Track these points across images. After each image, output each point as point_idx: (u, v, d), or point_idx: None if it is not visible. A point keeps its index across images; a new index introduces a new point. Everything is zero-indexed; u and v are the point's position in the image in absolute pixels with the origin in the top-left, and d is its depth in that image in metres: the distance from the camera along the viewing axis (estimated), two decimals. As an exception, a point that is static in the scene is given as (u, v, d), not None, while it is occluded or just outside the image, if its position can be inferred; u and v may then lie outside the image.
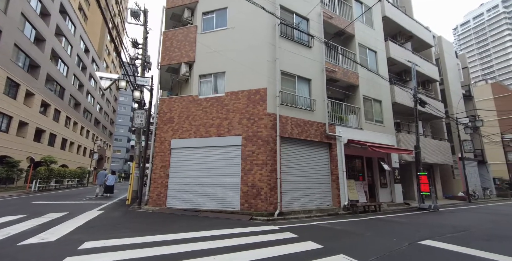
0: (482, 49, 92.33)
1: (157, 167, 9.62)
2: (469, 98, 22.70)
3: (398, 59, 14.77)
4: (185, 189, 9.16)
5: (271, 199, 8.29)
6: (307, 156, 9.94)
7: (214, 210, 8.59)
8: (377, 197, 12.24)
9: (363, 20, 13.61)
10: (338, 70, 11.63)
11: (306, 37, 10.72)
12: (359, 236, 5.48)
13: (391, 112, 13.59)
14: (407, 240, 5.05)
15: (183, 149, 9.54)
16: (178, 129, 9.70)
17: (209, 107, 9.50)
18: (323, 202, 9.99)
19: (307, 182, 9.64)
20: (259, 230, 5.97)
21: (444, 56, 20.58)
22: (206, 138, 9.28)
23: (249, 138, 8.80)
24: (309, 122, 10.06)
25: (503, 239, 5.48)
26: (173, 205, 9.14)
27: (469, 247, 4.61)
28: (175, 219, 7.35)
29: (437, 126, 18.49)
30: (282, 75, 9.68)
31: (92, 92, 35.20)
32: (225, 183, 8.78)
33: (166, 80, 12.15)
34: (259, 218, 7.79)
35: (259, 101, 8.96)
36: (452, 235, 5.62)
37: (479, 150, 21.78)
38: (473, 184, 18.92)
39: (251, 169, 8.55)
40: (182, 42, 10.43)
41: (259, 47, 9.37)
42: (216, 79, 9.86)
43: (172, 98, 10.19)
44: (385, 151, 11.37)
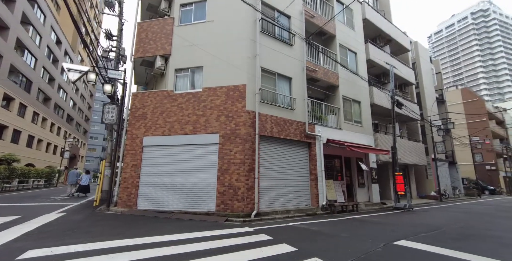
0: (454, 57, 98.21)
1: (128, 166, 9.01)
2: (441, 102, 23.79)
3: (377, 61, 15.06)
4: (157, 190, 8.63)
5: (248, 200, 7.99)
6: (286, 155, 9.76)
7: (188, 211, 8.15)
8: (355, 197, 12.33)
9: (344, 21, 13.73)
10: (319, 69, 11.59)
11: (287, 35, 10.56)
12: (334, 237, 5.32)
13: (370, 113, 13.80)
14: (382, 241, 4.95)
15: (156, 147, 9.01)
16: (151, 126, 9.14)
17: (185, 103, 9.04)
18: (302, 202, 9.85)
19: (286, 182, 9.45)
20: (232, 233, 5.65)
21: (420, 60, 21.39)
22: (181, 136, 8.81)
23: (227, 136, 8.45)
24: (289, 121, 9.89)
25: (473, 238, 5.56)
26: (144, 207, 8.57)
27: (441, 246, 4.58)
28: (144, 221, 6.85)
29: (412, 128, 19.14)
30: (263, 72, 9.43)
31: (65, 87, 33.09)
32: (200, 183, 8.36)
33: (140, 74, 11.49)
34: (235, 219, 7.47)
35: (238, 98, 8.64)
36: (426, 235, 5.63)
37: (450, 151, 22.87)
38: (444, 184, 19.79)
39: (228, 168, 8.20)
40: (158, 34, 9.88)
41: (239, 42, 9.06)
42: (194, 74, 9.42)
43: (145, 93, 9.60)
44: (363, 151, 11.47)
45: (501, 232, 6.21)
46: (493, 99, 79.96)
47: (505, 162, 36.91)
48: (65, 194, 15.06)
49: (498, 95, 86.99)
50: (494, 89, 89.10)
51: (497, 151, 34.97)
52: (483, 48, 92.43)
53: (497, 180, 33.90)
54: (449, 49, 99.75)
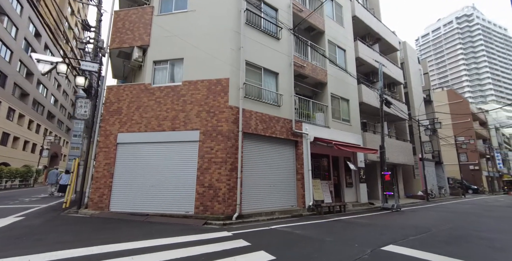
0: (439, 59, 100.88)
1: (101, 165, 8.32)
2: (429, 102, 23.99)
3: (366, 59, 14.86)
4: (132, 190, 7.99)
5: (230, 201, 7.48)
6: (272, 154, 9.30)
7: (165, 214, 7.55)
8: (343, 197, 12.03)
9: (333, 17, 13.42)
10: (307, 65, 11.20)
11: (274, 28, 10.11)
12: (319, 242, 4.89)
13: (358, 111, 13.55)
14: (369, 246, 4.55)
15: (132, 145, 8.36)
16: (126, 122, 8.48)
17: (163, 97, 8.43)
18: (288, 203, 9.43)
19: (271, 181, 8.99)
20: (207, 238, 5.13)
21: (408, 60, 21.45)
22: (158, 132, 8.20)
23: (207, 133, 7.91)
24: (275, 118, 9.44)
25: (464, 240, 5.26)
26: (117, 209, 7.92)
27: (433, 252, 4.22)
28: (113, 225, 6.23)
29: (401, 127, 19.12)
30: (247, 66, 8.94)
31: (45, 82, 31.51)
32: (178, 183, 7.79)
33: (118, 67, 10.77)
34: (215, 222, 6.94)
35: (220, 93, 8.11)
36: (415, 238, 5.29)
37: (437, 151, 23.07)
38: (431, 184, 19.89)
39: (208, 167, 7.66)
40: (135, 23, 9.21)
41: (222, 33, 8.53)
42: (173, 66, 8.82)
43: (120, 86, 8.93)
44: (351, 150, 11.17)
45: (490, 234, 5.96)
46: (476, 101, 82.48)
47: (487, 162, 37.92)
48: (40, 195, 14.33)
49: (481, 97, 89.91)
50: (477, 92, 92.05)
51: (480, 151, 35.84)
52: (467, 52, 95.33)
53: (480, 179, 34.75)
54: (436, 52, 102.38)
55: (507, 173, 44.16)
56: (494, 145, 41.46)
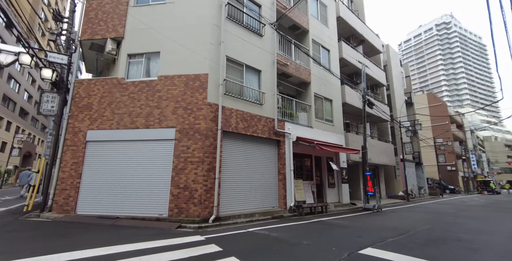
0: (420, 64, 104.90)
1: (67, 165, 7.69)
2: (410, 104, 24.61)
3: (350, 60, 14.92)
4: (102, 192, 7.43)
5: (207, 203, 7.10)
6: (253, 153, 9.01)
7: (136, 216, 7.06)
8: (325, 197, 11.94)
9: (317, 17, 13.35)
10: (290, 64, 11.02)
11: (257, 25, 9.85)
12: (294, 246, 4.63)
13: (341, 112, 13.55)
14: (347, 250, 4.35)
15: (102, 143, 7.80)
16: (97, 118, 7.91)
17: (137, 92, 7.93)
18: (269, 204, 9.16)
19: (252, 182, 8.70)
20: (177, 244, 4.75)
21: (391, 63, 21.89)
22: (131, 130, 7.69)
23: (184, 131, 7.50)
24: (257, 117, 9.16)
25: (442, 242, 5.19)
26: (84, 211, 7.33)
27: (411, 255, 4.07)
28: (76, 230, 5.70)
29: (383, 128, 19.43)
30: (228, 62, 8.61)
31: (17, 77, 29.63)
32: (152, 184, 7.31)
33: (91, 60, 10.10)
34: (189, 225, 6.55)
35: (198, 89, 7.72)
36: (393, 240, 5.16)
37: (417, 152, 23.69)
38: (411, 184, 20.34)
39: (184, 167, 7.25)
40: (109, 14, 8.64)
41: (201, 27, 8.15)
42: (149, 60, 8.34)
43: (91, 80, 8.33)
44: (333, 150, 11.09)
45: (467, 234, 5.96)
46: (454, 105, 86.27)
47: (463, 163, 39.58)
48: (4, 197, 13.26)
49: (458, 101, 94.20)
50: (454, 96, 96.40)
51: (457, 153, 37.32)
52: (445, 58, 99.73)
53: (456, 180, 36.15)
54: (417, 57, 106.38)
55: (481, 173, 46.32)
56: (470, 147, 43.38)
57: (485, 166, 50.88)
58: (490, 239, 5.48)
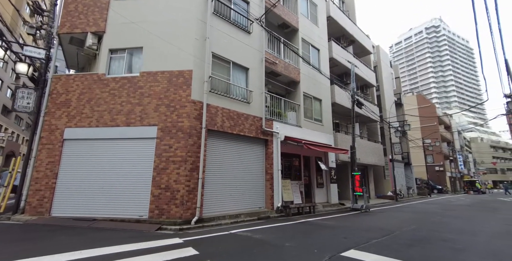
0: (411, 66, 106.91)
1: (42, 164, 7.31)
2: (399, 105, 24.88)
3: (340, 60, 14.90)
4: (79, 192, 7.09)
5: (189, 204, 6.85)
6: (240, 153, 8.80)
7: (115, 218, 6.75)
8: (313, 198, 11.83)
9: (307, 15, 13.27)
10: (279, 63, 10.87)
11: (245, 22, 9.65)
12: (276, 248, 4.45)
13: (331, 111, 13.50)
14: (329, 252, 4.19)
15: (81, 141, 7.45)
16: (75, 115, 7.55)
17: (118, 89, 7.61)
18: (255, 205, 8.98)
19: (238, 182, 8.49)
20: (153, 247, 4.51)
21: (381, 64, 22.06)
22: (111, 128, 7.37)
23: (166, 130, 7.23)
24: (243, 115, 8.96)
25: (426, 242, 5.11)
26: (60, 213, 6.97)
27: (394, 257, 3.95)
28: (48, 233, 5.38)
29: (372, 129, 19.53)
30: (214, 58, 8.38)
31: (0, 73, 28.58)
32: (132, 184, 7.02)
33: (71, 55, 9.70)
34: (170, 227, 6.29)
35: (182, 85, 7.47)
36: (378, 241, 5.04)
37: (406, 153, 23.95)
38: (400, 184, 20.52)
39: (166, 167, 6.98)
40: (90, 7, 8.29)
41: (186, 22, 7.89)
42: (132, 56, 8.03)
43: (70, 76, 7.97)
44: (321, 150, 10.99)
45: (452, 234, 5.91)
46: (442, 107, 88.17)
47: (450, 163, 40.38)
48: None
49: (446, 103, 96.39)
50: (443, 98, 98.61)
51: (444, 153, 38.03)
52: (434, 60, 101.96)
53: (444, 180, 36.83)
54: (408, 59, 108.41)
55: (467, 174, 47.39)
56: (457, 147, 44.31)
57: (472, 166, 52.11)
58: (473, 239, 5.44)
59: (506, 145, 69.26)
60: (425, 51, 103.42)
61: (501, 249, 4.71)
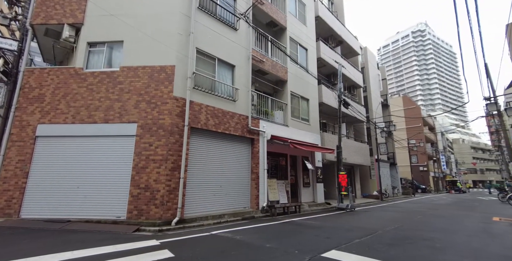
0: (398, 69, 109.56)
1: (12, 162, 6.86)
2: (386, 106, 25.33)
3: (328, 61, 14.95)
4: (52, 193, 6.70)
5: (170, 204, 6.61)
6: (224, 152, 8.61)
7: (91, 219, 6.43)
8: (299, 197, 11.79)
9: (296, 14, 13.22)
10: (267, 61, 10.75)
11: (232, 18, 9.46)
12: (255, 250, 4.31)
13: (318, 111, 13.51)
14: (310, 253, 4.09)
15: (55, 138, 7.05)
16: (49, 111, 7.14)
17: (96, 84, 7.26)
18: (240, 205, 8.81)
19: (222, 182, 8.30)
20: (128, 249, 4.27)
21: (368, 65, 22.35)
22: (88, 125, 7.02)
23: (147, 127, 6.95)
24: (229, 113, 8.77)
25: (408, 241, 5.10)
26: (30, 215, 6.57)
27: (374, 257, 3.88)
28: (15, 236, 5.03)
29: (359, 129, 19.75)
30: (199, 54, 8.16)
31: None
32: (109, 184, 6.70)
33: (47, 48, 9.21)
34: (149, 228, 6.04)
35: (164, 81, 7.20)
36: (360, 241, 4.98)
37: (391, 153, 24.41)
38: (385, 184, 20.86)
39: (146, 166, 6.70)
40: (67, -3, 7.88)
41: (169, 15, 7.63)
42: (112, 49, 7.68)
43: (44, 70, 7.53)
44: (307, 149, 10.95)
45: (432, 233, 5.95)
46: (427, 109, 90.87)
47: (434, 163, 41.60)
48: None
49: (431, 105, 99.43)
50: (427, 100, 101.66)
51: (428, 154, 39.12)
52: (420, 64, 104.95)
53: (428, 179, 37.87)
54: (394, 61, 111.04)
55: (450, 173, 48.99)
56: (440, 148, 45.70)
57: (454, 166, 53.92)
58: (453, 238, 5.49)
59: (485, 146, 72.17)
60: (411, 54, 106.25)
61: (480, 248, 4.76)
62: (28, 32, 7.87)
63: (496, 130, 25.53)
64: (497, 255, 4.27)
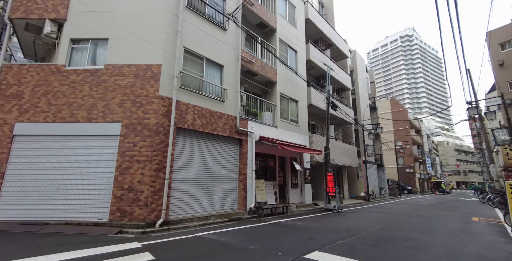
0: (386, 72, 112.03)
1: (-13, 162, 6.56)
2: (374, 109, 25.82)
3: (317, 63, 15.10)
4: (30, 194, 6.45)
5: (154, 206, 6.47)
6: (212, 152, 8.53)
7: (71, 221, 6.23)
8: (288, 198, 11.82)
9: (286, 16, 13.30)
10: (256, 62, 10.75)
11: (221, 18, 9.42)
12: (239, 251, 4.27)
13: (307, 113, 13.61)
14: (293, 254, 4.08)
15: (34, 137, 6.79)
16: (28, 109, 6.88)
17: (79, 82, 7.05)
18: (227, 206, 8.74)
19: (209, 183, 8.21)
20: (107, 252, 4.15)
21: (357, 68, 22.74)
22: (70, 124, 6.80)
23: (131, 126, 6.79)
24: (217, 114, 8.70)
25: (390, 242, 5.18)
26: (5, 217, 6.29)
27: (354, 258, 3.92)
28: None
29: (347, 131, 20.03)
30: (187, 54, 8.07)
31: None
32: (91, 185, 6.51)
33: (28, 44, 8.88)
34: (132, 230, 5.90)
35: (149, 80, 7.07)
36: (343, 242, 5.02)
37: (379, 155, 24.88)
38: (373, 185, 21.22)
39: (129, 166, 6.55)
40: (50, -8, 7.63)
41: (156, 13, 7.51)
42: (96, 47, 7.49)
43: (24, 66, 7.25)
44: (295, 150, 11.00)
45: (414, 234, 6.08)
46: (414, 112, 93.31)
47: (420, 165, 42.69)
48: None
49: (417, 108, 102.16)
50: (414, 103, 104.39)
51: (414, 156, 40.12)
52: (408, 68, 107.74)
53: (414, 181, 38.81)
54: (383, 65, 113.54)
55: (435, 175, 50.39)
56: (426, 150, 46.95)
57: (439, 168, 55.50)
58: (433, 238, 5.62)
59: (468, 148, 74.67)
60: (399, 58, 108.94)
61: (457, 247, 4.88)
62: (7, 27, 7.57)
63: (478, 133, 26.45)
64: (473, 254, 4.40)
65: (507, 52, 17.11)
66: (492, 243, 5.37)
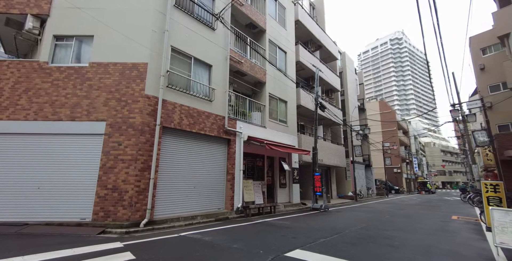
0: (377, 74, 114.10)
1: (-36, 161, 6.35)
2: (362, 110, 26.28)
3: (307, 64, 15.27)
4: (9, 194, 6.28)
5: (138, 206, 6.42)
6: (199, 152, 8.52)
7: (52, 222, 6.10)
8: (276, 198, 11.91)
9: (275, 17, 13.39)
10: (245, 62, 10.79)
11: (210, 18, 9.41)
12: (221, 251, 4.30)
13: (296, 113, 13.75)
14: (274, 252, 4.15)
15: (14, 136, 6.62)
16: (8, 107, 6.70)
17: (63, 79, 6.91)
18: (214, 206, 8.74)
19: (196, 183, 8.20)
20: (88, 252, 4.11)
21: (346, 70, 23.10)
22: (53, 122, 6.66)
23: (116, 126, 6.72)
24: (205, 113, 8.69)
25: (370, 240, 5.33)
26: (-17, 218, 6.10)
27: (334, 255, 4.03)
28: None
29: (336, 131, 20.33)
30: (174, 53, 8.03)
31: None
32: (74, 184, 6.40)
33: (9, 39, 8.63)
34: (115, 230, 5.83)
35: (135, 79, 7.01)
36: (325, 240, 5.14)
37: (367, 155, 25.35)
38: (360, 185, 21.62)
39: (114, 166, 6.47)
40: (33, -13, 7.44)
41: (143, 12, 7.44)
42: (81, 44, 7.36)
43: (4, 62, 7.05)
44: (283, 150, 11.10)
45: (395, 232, 6.27)
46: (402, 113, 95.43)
47: (407, 166, 43.72)
48: None
49: (406, 110, 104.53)
50: (403, 105, 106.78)
51: (402, 156, 41.05)
52: (397, 70, 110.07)
53: (401, 181, 39.69)
54: (374, 67, 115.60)
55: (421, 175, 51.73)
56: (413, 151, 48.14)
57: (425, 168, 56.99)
58: (412, 236, 5.81)
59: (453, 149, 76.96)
60: (389, 61, 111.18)
61: (433, 244, 5.07)
62: None
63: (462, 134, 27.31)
64: (447, 251, 4.59)
65: (488, 56, 17.77)
66: (466, 240, 5.60)
